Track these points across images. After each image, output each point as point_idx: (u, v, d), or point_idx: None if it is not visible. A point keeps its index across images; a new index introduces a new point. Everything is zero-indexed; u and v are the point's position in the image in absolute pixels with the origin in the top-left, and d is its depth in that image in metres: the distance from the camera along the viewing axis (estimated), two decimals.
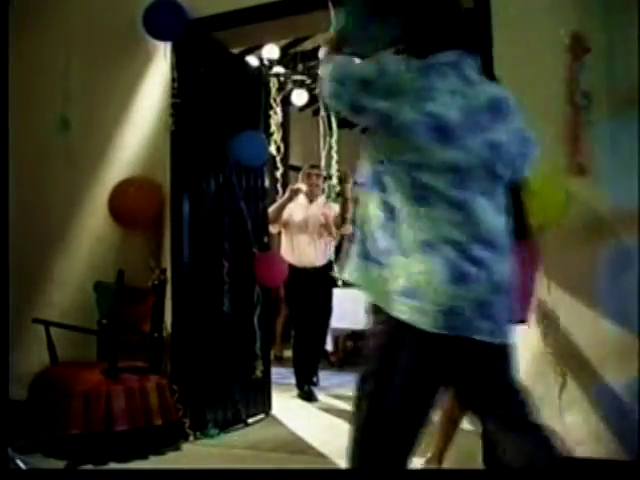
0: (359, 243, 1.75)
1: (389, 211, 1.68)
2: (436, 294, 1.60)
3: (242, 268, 4.06)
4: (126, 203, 3.87)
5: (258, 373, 4.14)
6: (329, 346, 5.78)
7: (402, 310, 1.63)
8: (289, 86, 6.30)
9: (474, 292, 1.62)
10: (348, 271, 1.76)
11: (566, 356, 2.95)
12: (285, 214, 4.88)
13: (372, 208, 1.72)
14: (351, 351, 6.52)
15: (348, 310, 5.23)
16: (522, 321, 2.93)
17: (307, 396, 4.78)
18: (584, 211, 2.91)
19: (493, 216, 1.69)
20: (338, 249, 5.27)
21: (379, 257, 1.69)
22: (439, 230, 1.64)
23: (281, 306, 6.33)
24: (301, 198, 4.95)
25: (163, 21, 3.68)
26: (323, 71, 1.77)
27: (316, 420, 4.23)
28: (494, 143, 1.69)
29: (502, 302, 1.68)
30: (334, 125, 6.18)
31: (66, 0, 4.26)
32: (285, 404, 4.54)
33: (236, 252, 4.05)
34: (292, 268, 4.62)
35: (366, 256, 1.72)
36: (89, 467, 3.16)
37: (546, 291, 2.94)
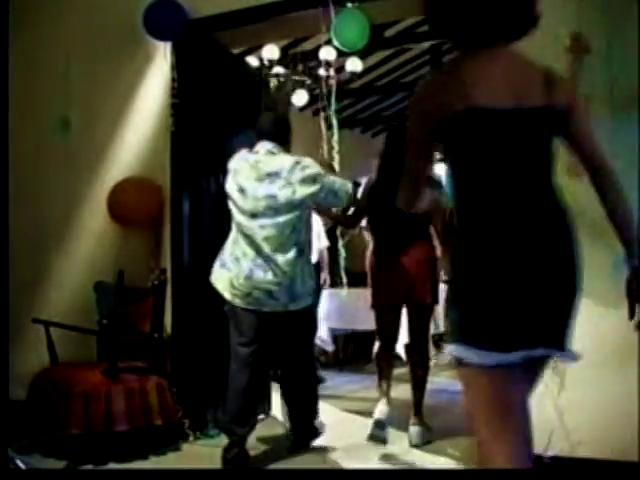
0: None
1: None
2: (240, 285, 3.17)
3: None
4: (126, 203, 3.87)
5: None
6: (329, 346, 5.78)
7: (231, 295, 3.19)
8: (289, 86, 6.28)
9: (261, 283, 3.13)
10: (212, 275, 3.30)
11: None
12: None
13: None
14: (351, 351, 6.51)
15: (348, 311, 5.23)
16: (428, 303, 3.42)
17: None
18: (582, 212, 2.90)
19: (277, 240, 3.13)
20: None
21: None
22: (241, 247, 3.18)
23: None
24: None
25: (163, 21, 3.69)
26: None
27: None
28: (271, 195, 3.10)
29: (285, 288, 3.13)
30: (335, 125, 6.15)
31: (66, 0, 4.26)
32: None
33: None
34: None
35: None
36: (89, 467, 3.16)
37: None
